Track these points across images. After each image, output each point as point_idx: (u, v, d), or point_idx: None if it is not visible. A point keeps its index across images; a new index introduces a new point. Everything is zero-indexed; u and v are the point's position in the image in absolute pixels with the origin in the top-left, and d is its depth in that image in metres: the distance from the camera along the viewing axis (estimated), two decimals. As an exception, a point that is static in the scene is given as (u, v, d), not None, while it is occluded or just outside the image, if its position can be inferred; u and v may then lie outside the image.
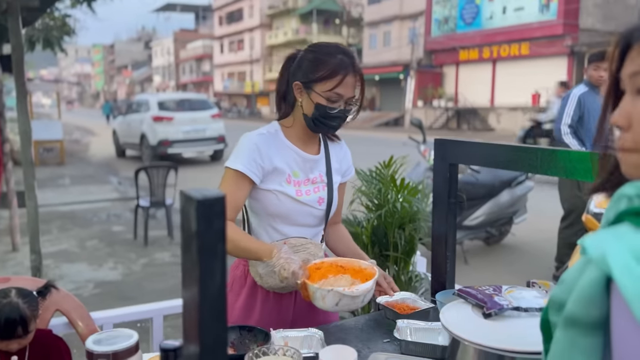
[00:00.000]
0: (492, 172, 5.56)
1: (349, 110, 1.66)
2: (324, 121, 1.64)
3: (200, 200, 0.67)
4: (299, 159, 1.72)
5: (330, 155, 1.80)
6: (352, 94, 1.63)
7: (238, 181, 1.63)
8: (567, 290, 0.68)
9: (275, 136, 1.71)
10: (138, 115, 13.66)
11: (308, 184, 1.73)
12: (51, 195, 9.46)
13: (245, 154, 1.64)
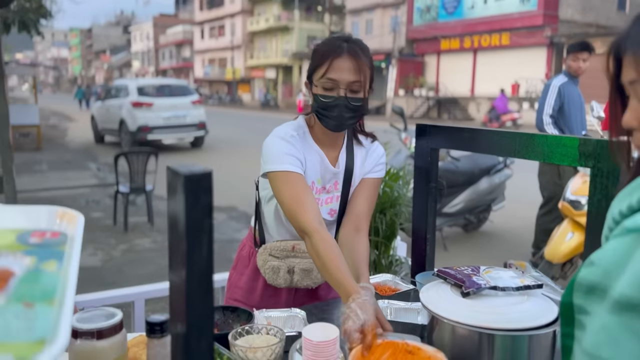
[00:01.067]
0: (472, 160, 5.64)
1: (354, 99, 1.52)
2: (323, 112, 1.54)
3: (187, 176, 0.68)
4: (323, 167, 1.63)
5: (355, 159, 1.66)
6: (350, 78, 1.49)
7: (294, 179, 1.50)
8: (603, 273, 0.66)
9: (304, 138, 1.62)
10: (117, 101, 13.47)
11: (323, 193, 1.65)
12: (28, 180, 9.32)
13: (284, 152, 1.53)
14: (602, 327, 0.64)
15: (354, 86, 1.50)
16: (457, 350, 1.24)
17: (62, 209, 0.76)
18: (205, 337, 0.72)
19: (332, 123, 1.55)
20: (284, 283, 1.62)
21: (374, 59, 1.59)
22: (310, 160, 1.60)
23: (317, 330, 1.15)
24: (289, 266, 1.61)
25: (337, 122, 1.54)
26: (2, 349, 0.45)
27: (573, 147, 1.29)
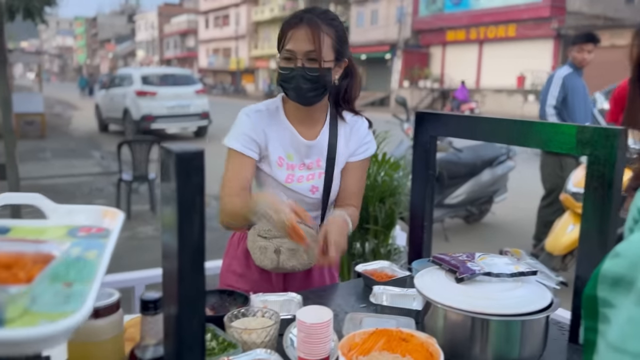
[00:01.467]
0: (474, 151, 5.63)
1: (312, 69, 1.49)
2: (284, 85, 1.54)
3: (179, 154, 0.69)
4: (294, 141, 1.63)
5: (339, 136, 1.65)
6: (306, 47, 1.47)
7: (240, 159, 1.58)
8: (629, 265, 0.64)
9: (275, 113, 1.64)
10: (121, 90, 13.48)
11: (303, 169, 1.64)
12: (33, 168, 9.35)
13: (241, 131, 1.59)
14: (629, 319, 0.63)
15: (310, 55, 1.49)
16: (450, 335, 1.25)
17: (107, 209, 0.91)
18: (196, 315, 0.73)
19: (292, 95, 1.55)
20: (270, 264, 1.60)
21: (379, 50, 1.60)
22: (277, 136, 1.61)
23: (310, 312, 1.16)
24: (276, 246, 1.61)
25: (297, 93, 1.53)
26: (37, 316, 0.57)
27: (570, 135, 1.29)
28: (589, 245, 1.28)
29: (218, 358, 1.13)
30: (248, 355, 1.14)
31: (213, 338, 1.25)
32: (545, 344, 1.25)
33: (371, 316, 1.36)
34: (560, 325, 1.44)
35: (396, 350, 1.18)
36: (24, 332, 0.55)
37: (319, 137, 1.64)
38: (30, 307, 0.60)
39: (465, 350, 1.23)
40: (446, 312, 1.25)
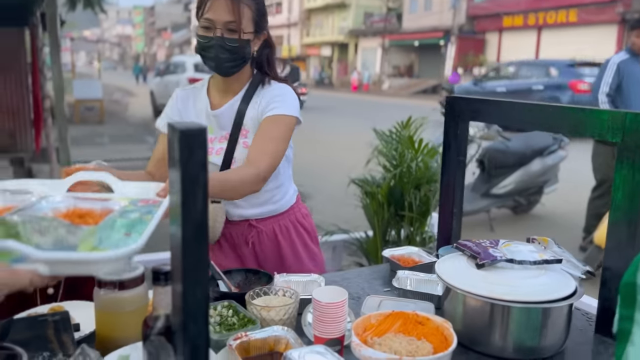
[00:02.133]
0: (524, 140, 5.47)
1: (231, 39, 1.49)
2: (202, 54, 1.54)
3: (182, 131, 0.72)
4: (209, 114, 1.64)
5: (251, 104, 1.61)
6: (225, 18, 1.48)
7: (160, 137, 1.69)
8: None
9: (200, 90, 1.68)
10: (174, 77, 13.84)
11: (223, 141, 1.62)
12: (91, 152, 9.76)
13: (165, 111, 1.71)
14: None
15: (230, 26, 1.49)
16: (469, 321, 1.25)
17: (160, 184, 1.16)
18: (200, 285, 0.76)
19: (211, 64, 1.54)
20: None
21: (432, 36, 1.58)
22: (195, 112, 1.65)
23: (327, 292, 1.18)
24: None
25: (215, 63, 1.53)
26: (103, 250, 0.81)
27: (601, 120, 1.25)
28: (618, 235, 1.23)
29: (237, 333, 1.17)
30: (265, 332, 1.17)
31: (234, 314, 1.29)
32: (567, 334, 1.23)
33: (390, 299, 1.36)
34: (588, 316, 1.40)
35: (412, 333, 1.18)
36: (93, 255, 0.79)
37: (225, 106, 1.63)
38: (98, 246, 0.82)
39: (484, 336, 1.22)
40: (465, 298, 1.24)
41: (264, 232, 1.75)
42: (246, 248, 1.76)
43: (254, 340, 1.15)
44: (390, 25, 33.88)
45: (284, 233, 1.78)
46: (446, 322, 1.16)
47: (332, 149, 10.10)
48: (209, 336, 0.80)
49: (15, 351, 0.93)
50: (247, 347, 1.14)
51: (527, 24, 26.80)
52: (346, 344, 1.18)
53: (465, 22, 29.57)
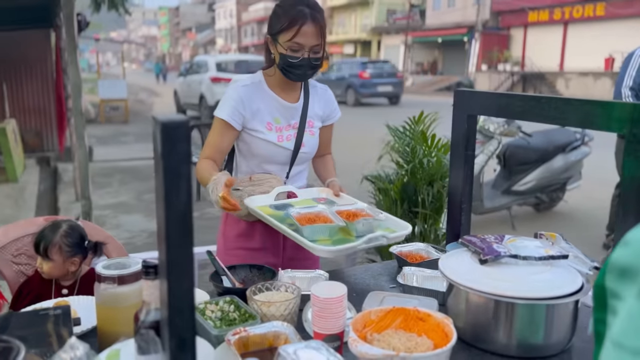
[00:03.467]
0: (545, 136, 5.37)
1: (316, 59, 1.76)
2: (289, 70, 1.76)
3: (164, 123, 0.71)
4: (279, 106, 1.86)
5: (310, 101, 1.92)
6: (313, 42, 1.73)
7: (223, 129, 1.81)
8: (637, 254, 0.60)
9: (259, 85, 1.85)
10: (198, 76, 13.95)
11: (290, 129, 1.88)
12: (116, 150, 9.92)
13: (230, 104, 1.79)
14: (629, 313, 0.59)
15: (315, 48, 1.75)
16: (472, 318, 1.22)
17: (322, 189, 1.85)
18: (185, 276, 0.76)
19: (294, 77, 1.80)
20: (244, 211, 1.75)
21: (456, 32, 1.67)
22: (264, 105, 1.83)
23: (325, 288, 1.17)
24: (249, 193, 1.79)
25: (301, 77, 1.82)
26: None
27: (608, 112, 1.21)
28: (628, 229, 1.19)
29: (236, 327, 1.16)
30: (264, 327, 1.16)
31: (236, 309, 1.29)
32: (573, 331, 1.19)
33: (393, 295, 1.35)
34: (598, 315, 1.36)
35: (412, 329, 1.16)
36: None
37: (300, 100, 1.90)
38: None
39: (488, 333, 1.20)
40: (468, 294, 1.22)
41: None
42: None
43: (253, 335, 1.15)
44: (413, 22, 33.61)
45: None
46: (447, 319, 1.14)
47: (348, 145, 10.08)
48: (196, 329, 0.79)
49: (12, 344, 0.94)
50: (246, 342, 1.14)
51: (553, 18, 26.30)
52: (346, 340, 1.17)
53: (490, 17, 29.16)
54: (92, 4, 11.00)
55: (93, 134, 11.38)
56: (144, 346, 0.85)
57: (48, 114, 9.14)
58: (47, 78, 9.03)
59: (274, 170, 1.88)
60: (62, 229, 1.71)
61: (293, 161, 1.90)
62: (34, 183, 7.00)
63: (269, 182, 1.84)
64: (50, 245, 1.64)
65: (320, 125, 1.97)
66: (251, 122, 1.81)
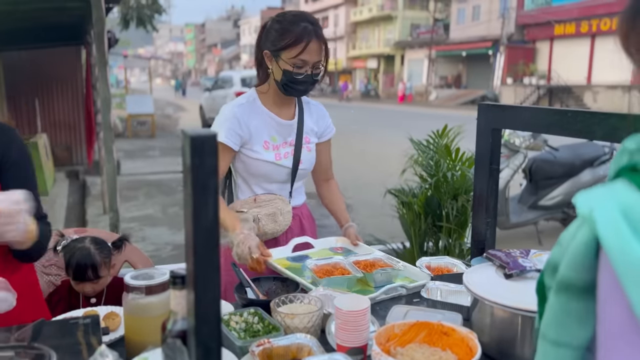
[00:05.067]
0: (572, 150, 5.30)
1: (316, 74, 1.77)
2: (292, 86, 1.77)
3: (193, 137, 0.73)
4: (275, 124, 1.86)
5: (305, 117, 1.92)
6: (316, 58, 1.74)
7: (221, 150, 1.77)
8: (562, 252, 0.65)
9: (253, 104, 1.85)
10: (222, 91, 14.18)
11: (287, 147, 1.88)
12: (142, 164, 10.10)
13: (225, 125, 1.79)
14: (549, 306, 0.64)
15: (317, 64, 1.76)
16: (497, 333, 1.21)
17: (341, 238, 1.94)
18: (211, 289, 0.78)
19: (297, 94, 1.83)
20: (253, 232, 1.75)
21: (481, 46, 1.68)
22: (260, 124, 1.83)
23: (349, 300, 1.18)
24: (254, 215, 1.80)
25: (303, 93, 1.84)
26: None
27: (608, 122, 1.20)
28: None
29: (260, 339, 1.18)
30: (287, 339, 1.17)
31: (260, 321, 1.30)
32: (601, 349, 1.17)
33: (417, 309, 1.34)
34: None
35: (437, 343, 1.16)
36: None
37: (295, 117, 1.90)
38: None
39: (513, 348, 1.19)
40: (493, 309, 1.20)
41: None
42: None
43: (277, 347, 1.16)
44: (437, 36, 33.60)
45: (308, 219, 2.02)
46: (471, 333, 1.13)
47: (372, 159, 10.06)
48: (221, 338, 0.81)
49: (44, 351, 0.97)
50: (269, 353, 1.15)
51: (580, 31, 25.99)
52: (369, 353, 1.17)
53: (515, 31, 28.99)
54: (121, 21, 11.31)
55: (121, 148, 11.61)
56: (170, 355, 0.87)
57: (77, 129, 9.37)
58: (77, 94, 9.27)
59: (275, 189, 1.88)
60: (92, 247, 1.74)
61: (294, 179, 1.90)
62: (64, 196, 7.17)
63: (274, 203, 1.85)
64: (98, 266, 1.69)
65: (316, 141, 1.96)
66: (249, 142, 1.81)
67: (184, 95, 42.00)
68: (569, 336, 0.63)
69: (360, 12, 43.37)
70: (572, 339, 0.63)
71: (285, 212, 1.86)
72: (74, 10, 5.44)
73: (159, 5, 11.54)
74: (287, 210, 1.87)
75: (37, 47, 8.13)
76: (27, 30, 6.82)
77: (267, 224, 1.83)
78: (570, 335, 0.63)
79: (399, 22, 38.91)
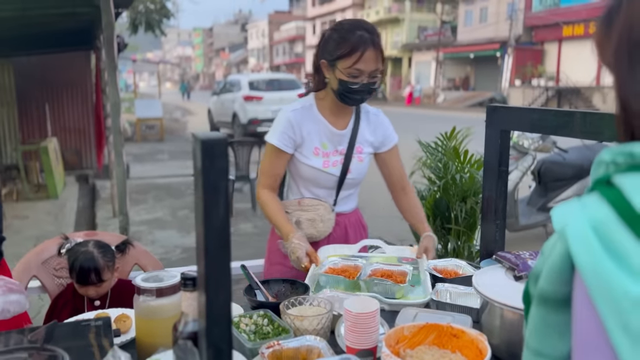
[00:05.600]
0: (582, 151, 5.26)
1: (373, 83, 1.75)
2: (349, 95, 1.76)
3: (204, 140, 0.74)
4: (328, 132, 1.86)
5: (361, 127, 1.89)
6: (373, 67, 1.72)
7: (274, 154, 1.84)
8: (543, 262, 0.65)
9: (309, 110, 1.86)
10: (230, 95, 14.21)
11: (337, 155, 1.88)
12: (151, 168, 10.15)
13: (279, 129, 1.83)
14: (531, 317, 0.65)
15: (374, 73, 1.73)
16: (506, 335, 1.21)
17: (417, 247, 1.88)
18: (222, 289, 0.79)
19: (352, 103, 1.81)
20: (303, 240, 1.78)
21: (488, 48, 1.68)
22: (313, 129, 1.85)
23: (358, 302, 1.18)
24: (297, 218, 1.86)
25: (358, 102, 1.82)
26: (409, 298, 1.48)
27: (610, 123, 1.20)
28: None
29: (270, 341, 1.18)
30: (297, 341, 1.18)
31: (269, 323, 1.31)
32: (612, 351, 1.17)
33: (426, 311, 1.34)
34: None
35: (446, 345, 1.16)
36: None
37: (348, 127, 1.88)
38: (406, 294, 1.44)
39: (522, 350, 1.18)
40: (502, 311, 1.20)
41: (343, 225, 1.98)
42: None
43: (287, 349, 1.16)
44: (444, 38, 33.55)
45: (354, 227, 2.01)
46: (481, 335, 1.13)
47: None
48: (232, 340, 0.81)
49: (57, 353, 0.98)
50: (279, 355, 1.16)
51: (589, 32, 25.84)
52: (379, 355, 1.17)
53: (523, 32, 28.88)
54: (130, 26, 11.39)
55: (130, 152, 11.68)
56: (182, 356, 0.88)
57: (87, 133, 9.44)
58: (87, 98, 9.34)
59: (321, 194, 1.89)
60: (96, 251, 1.75)
61: (340, 187, 1.89)
62: (74, 200, 7.22)
63: (316, 209, 1.87)
64: (101, 269, 1.70)
65: (372, 151, 1.94)
66: (301, 146, 1.84)
67: (189, 98, 43.60)
68: (549, 347, 0.64)
69: (368, 14, 43.35)
70: (552, 351, 0.64)
71: (326, 219, 1.88)
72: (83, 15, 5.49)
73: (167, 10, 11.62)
74: (329, 218, 1.89)
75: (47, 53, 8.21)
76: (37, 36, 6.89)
77: (306, 228, 1.87)
78: (550, 346, 0.64)
79: (406, 25, 38.89)
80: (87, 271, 1.69)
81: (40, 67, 8.72)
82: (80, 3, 4.55)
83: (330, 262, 1.70)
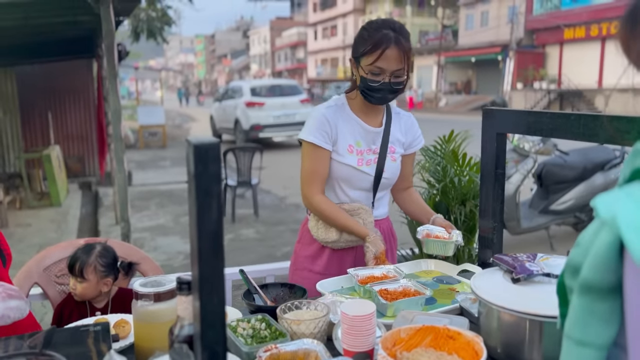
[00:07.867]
0: (583, 154, 5.27)
1: (396, 83, 1.72)
2: (369, 93, 1.74)
3: (196, 145, 0.75)
4: (361, 130, 1.84)
5: (392, 127, 1.88)
6: (395, 66, 1.69)
7: (316, 152, 1.79)
8: (582, 253, 0.66)
9: (342, 108, 1.84)
10: (232, 101, 14.25)
11: (370, 154, 1.85)
12: (154, 175, 10.17)
13: (315, 126, 1.79)
14: (572, 306, 0.66)
15: (397, 72, 1.71)
16: (505, 337, 1.21)
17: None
18: (216, 293, 0.79)
19: (375, 101, 1.78)
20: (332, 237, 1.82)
21: (490, 51, 1.67)
22: (346, 127, 1.82)
23: (355, 306, 1.18)
24: None
25: (381, 101, 1.79)
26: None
27: (611, 125, 1.20)
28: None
29: (267, 345, 1.19)
30: (294, 344, 1.18)
31: (267, 327, 1.32)
32: (609, 352, 1.17)
33: (424, 314, 1.35)
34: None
35: (443, 347, 1.16)
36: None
37: (382, 125, 1.87)
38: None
39: (520, 352, 1.19)
40: (500, 313, 1.21)
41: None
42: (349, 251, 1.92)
43: (284, 352, 1.17)
44: (445, 42, 33.59)
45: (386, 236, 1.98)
46: (477, 337, 1.13)
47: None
48: (227, 342, 0.82)
49: (55, 358, 0.99)
50: (277, 359, 1.16)
51: (590, 35, 25.87)
52: (375, 358, 1.17)
53: (524, 36, 28.91)
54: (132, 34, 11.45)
55: (132, 159, 11.72)
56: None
57: (90, 141, 9.47)
58: (89, 106, 9.39)
59: (358, 196, 1.85)
60: (97, 250, 1.77)
61: (376, 187, 1.86)
62: (76, 207, 7.24)
63: (358, 213, 1.83)
64: (85, 265, 1.70)
65: (402, 152, 1.92)
66: (335, 144, 1.80)
67: (187, 104, 45.65)
68: (593, 336, 0.65)
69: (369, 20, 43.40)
70: (596, 338, 0.65)
71: (367, 223, 1.83)
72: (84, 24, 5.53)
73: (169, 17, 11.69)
74: (370, 221, 1.84)
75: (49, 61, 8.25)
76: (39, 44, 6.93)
77: (348, 233, 1.82)
78: (594, 334, 0.65)
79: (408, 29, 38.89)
80: (75, 258, 1.71)
81: (42, 75, 8.77)
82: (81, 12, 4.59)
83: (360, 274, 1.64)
